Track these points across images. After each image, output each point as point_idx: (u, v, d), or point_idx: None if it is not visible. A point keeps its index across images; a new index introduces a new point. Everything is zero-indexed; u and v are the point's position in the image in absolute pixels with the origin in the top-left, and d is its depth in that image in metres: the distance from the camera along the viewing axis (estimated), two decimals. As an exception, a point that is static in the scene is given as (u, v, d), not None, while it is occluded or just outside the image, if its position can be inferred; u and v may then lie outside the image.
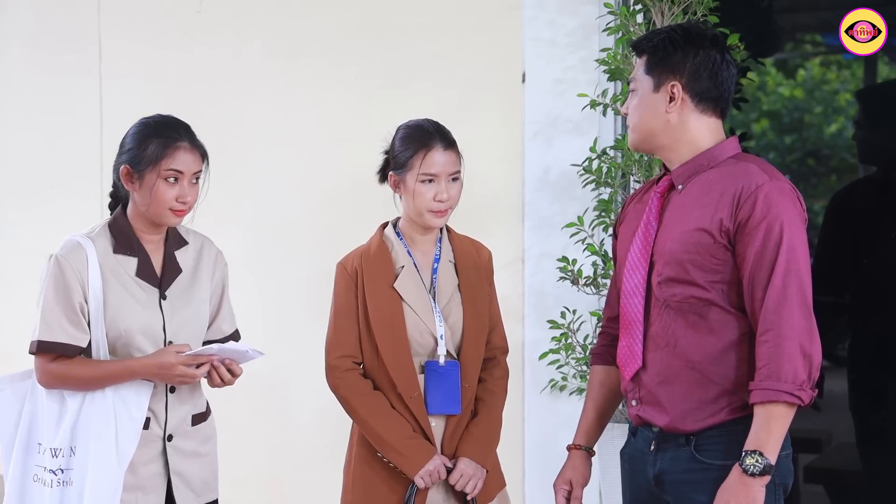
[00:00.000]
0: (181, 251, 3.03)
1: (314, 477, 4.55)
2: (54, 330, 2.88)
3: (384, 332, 2.98)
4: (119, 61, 4.86)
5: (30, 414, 2.95)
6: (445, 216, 3.01)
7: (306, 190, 4.61)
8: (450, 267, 3.06)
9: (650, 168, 3.83)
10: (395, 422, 2.98)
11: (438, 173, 2.98)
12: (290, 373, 4.58)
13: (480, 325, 3.04)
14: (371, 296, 3.00)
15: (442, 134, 3.03)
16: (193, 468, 2.98)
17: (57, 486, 2.86)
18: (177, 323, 2.96)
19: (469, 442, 3.01)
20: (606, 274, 3.86)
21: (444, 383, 2.99)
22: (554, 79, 4.19)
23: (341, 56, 4.55)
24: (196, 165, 2.94)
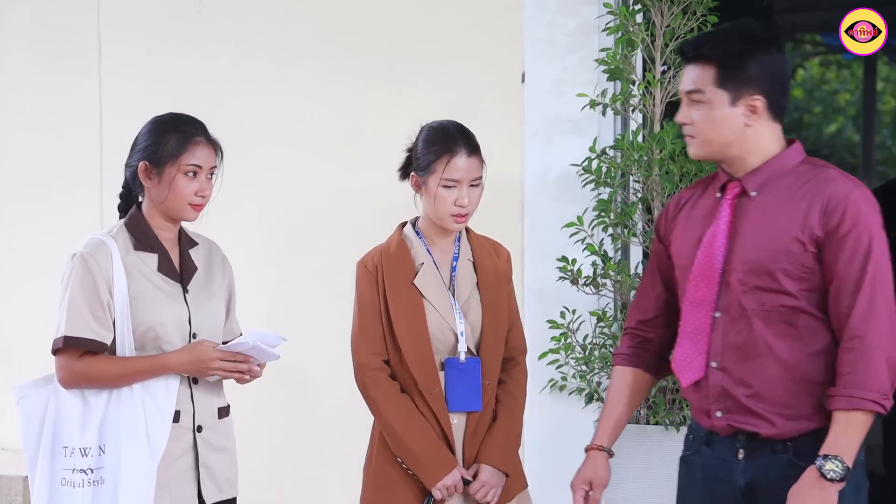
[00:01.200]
0: (194, 251, 3.07)
1: (326, 476, 4.56)
2: (80, 326, 2.88)
3: (405, 329, 2.99)
4: (118, 61, 4.86)
5: (53, 419, 2.93)
6: (465, 221, 3.02)
7: (309, 191, 4.61)
8: (468, 265, 3.07)
9: (649, 168, 3.83)
10: (420, 429, 2.97)
11: (461, 179, 2.99)
12: (302, 373, 4.59)
13: (499, 323, 3.05)
14: (392, 293, 3.01)
15: (466, 139, 3.03)
16: (219, 462, 3.00)
17: (88, 485, 2.85)
18: (201, 316, 2.98)
19: (490, 447, 3.01)
20: (606, 274, 3.86)
21: (464, 380, 3.00)
22: (553, 79, 4.19)
23: (341, 57, 4.56)
24: (212, 160, 2.98)
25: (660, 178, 3.83)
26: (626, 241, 3.95)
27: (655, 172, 3.84)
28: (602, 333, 3.85)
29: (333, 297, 4.45)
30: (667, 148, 3.80)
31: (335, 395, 4.46)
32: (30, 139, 5.04)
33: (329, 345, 4.47)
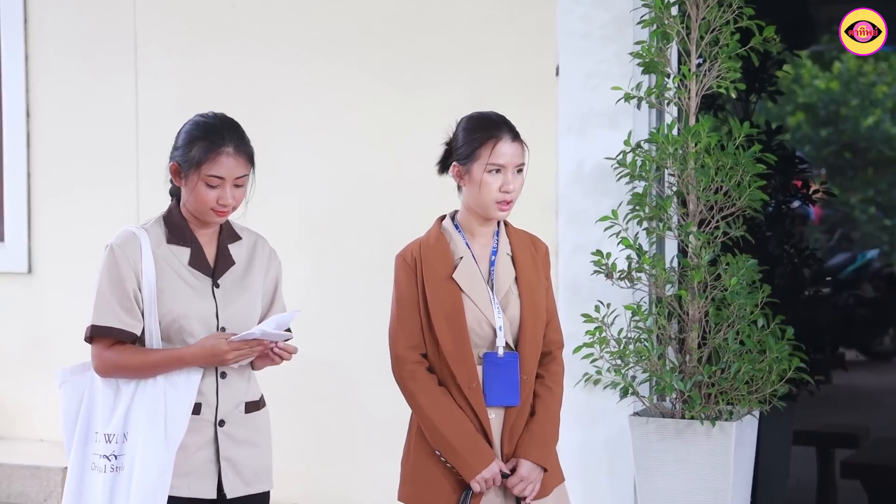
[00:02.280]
0: (235, 245, 3.07)
1: (361, 469, 4.58)
2: (107, 315, 2.93)
3: (444, 323, 2.98)
4: (155, 57, 4.89)
5: (88, 404, 3.00)
6: (509, 208, 3.02)
7: (342, 186, 4.63)
8: (507, 259, 3.06)
9: (684, 161, 3.82)
10: (459, 422, 2.97)
11: (506, 164, 2.99)
12: (337, 367, 4.61)
13: (538, 318, 3.04)
14: (430, 286, 3.01)
15: (509, 125, 3.04)
16: (245, 456, 3.01)
17: (110, 471, 2.90)
18: (230, 311, 2.99)
19: (529, 442, 3.01)
20: (641, 267, 3.85)
21: (502, 374, 3.00)
22: (588, 72, 4.18)
23: (374, 52, 4.57)
24: (239, 170, 2.96)
25: (695, 171, 3.81)
26: (661, 234, 3.93)
27: (690, 166, 3.82)
28: (637, 327, 3.84)
29: (366, 291, 4.46)
30: (702, 141, 3.78)
31: (370, 389, 4.47)
32: (66, 134, 5.08)
33: (364, 339, 4.48)
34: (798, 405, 5.13)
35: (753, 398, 3.77)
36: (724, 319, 3.79)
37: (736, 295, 3.75)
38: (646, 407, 3.93)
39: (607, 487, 4.17)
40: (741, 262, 3.79)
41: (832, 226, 14.10)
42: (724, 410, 3.79)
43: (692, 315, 3.84)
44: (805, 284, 5.71)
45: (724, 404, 3.78)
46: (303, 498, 4.62)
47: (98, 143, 5.00)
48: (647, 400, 3.91)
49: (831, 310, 6.55)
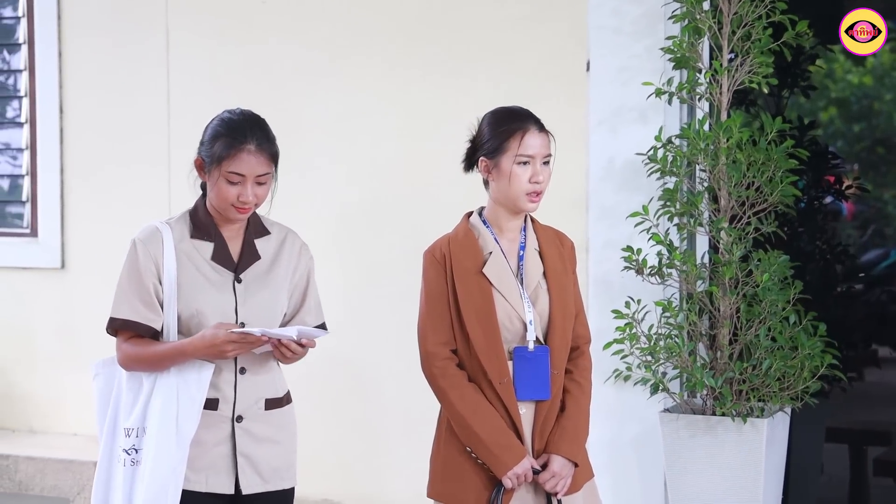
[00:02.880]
0: (262, 240, 3.07)
1: (390, 466, 4.58)
2: (124, 309, 2.97)
3: (474, 318, 2.98)
4: (186, 52, 4.91)
5: (115, 397, 3.03)
6: (539, 199, 3.01)
7: (369, 182, 4.63)
8: (535, 254, 3.06)
9: (716, 157, 3.80)
10: (490, 418, 2.97)
11: (534, 155, 2.99)
12: (366, 363, 4.62)
13: (567, 312, 3.04)
14: (460, 281, 3.00)
15: (535, 117, 3.05)
16: (264, 453, 3.00)
17: (130, 465, 2.93)
18: (249, 306, 2.99)
19: (560, 438, 3.00)
20: (671, 263, 3.83)
21: (533, 369, 2.99)
22: (619, 67, 4.16)
23: (402, 47, 4.56)
24: (261, 168, 2.95)
25: (726, 167, 3.79)
26: (692, 230, 3.91)
27: (722, 161, 3.80)
28: (667, 324, 3.83)
29: (395, 288, 4.46)
30: (733, 136, 3.76)
31: (400, 385, 4.48)
32: (99, 130, 5.11)
33: (393, 335, 4.49)
34: (830, 402, 5.09)
35: (785, 395, 3.75)
36: (756, 316, 3.77)
37: (768, 291, 3.73)
38: (676, 403, 3.92)
39: (637, 484, 4.15)
40: (773, 258, 3.77)
41: (865, 221, 14.00)
42: (756, 407, 3.77)
43: (723, 311, 3.82)
44: (837, 281, 5.67)
45: (756, 401, 3.76)
46: (332, 494, 4.64)
47: (130, 138, 5.02)
48: (678, 396, 3.90)
49: (864, 306, 6.49)
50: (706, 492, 3.75)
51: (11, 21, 5.27)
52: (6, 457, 4.88)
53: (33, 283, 5.22)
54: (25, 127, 5.23)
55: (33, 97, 5.19)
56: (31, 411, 5.21)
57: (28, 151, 5.23)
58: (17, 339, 5.23)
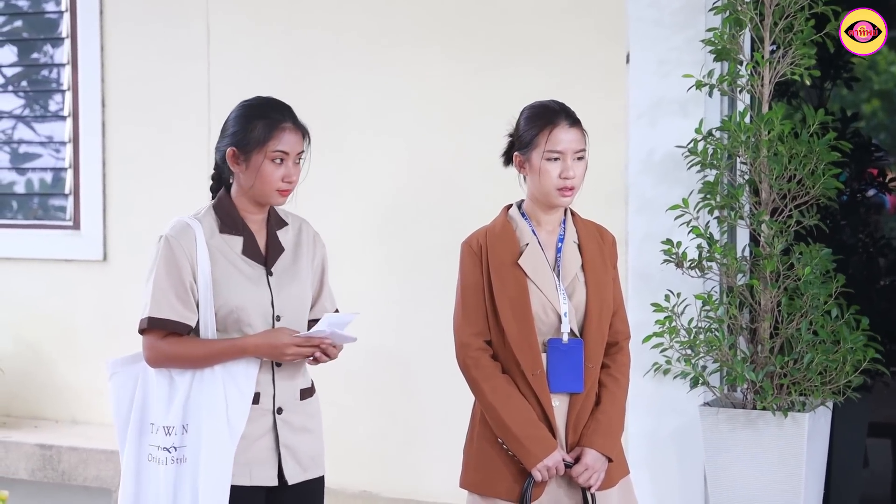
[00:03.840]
0: (282, 231, 3.08)
1: (426, 457, 4.59)
2: (164, 308, 2.95)
3: (509, 309, 2.98)
4: (226, 45, 4.93)
5: (142, 395, 3.02)
6: (572, 195, 3.00)
7: (409, 174, 4.63)
8: (574, 247, 3.06)
9: (757, 149, 3.77)
10: (521, 410, 2.97)
11: (564, 150, 2.98)
12: (402, 354, 4.62)
13: (604, 306, 3.03)
14: (496, 273, 3.01)
15: (567, 112, 3.03)
16: (302, 442, 3.03)
17: (171, 463, 2.92)
18: (283, 299, 3.01)
19: (595, 431, 3.00)
20: (711, 257, 3.82)
21: (567, 361, 2.99)
22: (658, 59, 4.14)
23: (442, 39, 4.56)
24: (299, 146, 2.99)
25: (768, 159, 3.76)
26: (733, 223, 3.89)
27: (763, 154, 3.77)
28: (707, 317, 3.81)
29: (433, 279, 4.47)
30: (775, 129, 3.73)
31: (435, 376, 4.48)
32: (140, 123, 5.14)
33: (429, 326, 4.49)
34: (873, 396, 5.05)
35: (827, 389, 3.72)
36: (797, 309, 3.74)
37: (809, 284, 3.70)
38: (716, 397, 3.90)
39: (676, 478, 4.14)
40: (815, 251, 3.74)
41: (908, 215, 13.85)
42: (797, 401, 3.75)
43: (764, 305, 3.80)
44: (880, 274, 5.61)
45: (797, 395, 3.74)
46: (369, 486, 4.65)
47: (171, 131, 5.05)
48: (718, 390, 3.88)
49: (907, 300, 6.43)
50: (746, 486, 3.73)
51: (55, 15, 5.32)
52: (49, 447, 4.93)
53: (75, 276, 5.27)
54: (68, 120, 5.28)
55: (76, 91, 5.23)
56: (74, 402, 5.26)
57: (70, 145, 5.28)
58: (59, 332, 5.28)
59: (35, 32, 5.39)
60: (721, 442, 3.77)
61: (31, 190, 5.44)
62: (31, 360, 5.31)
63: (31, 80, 5.44)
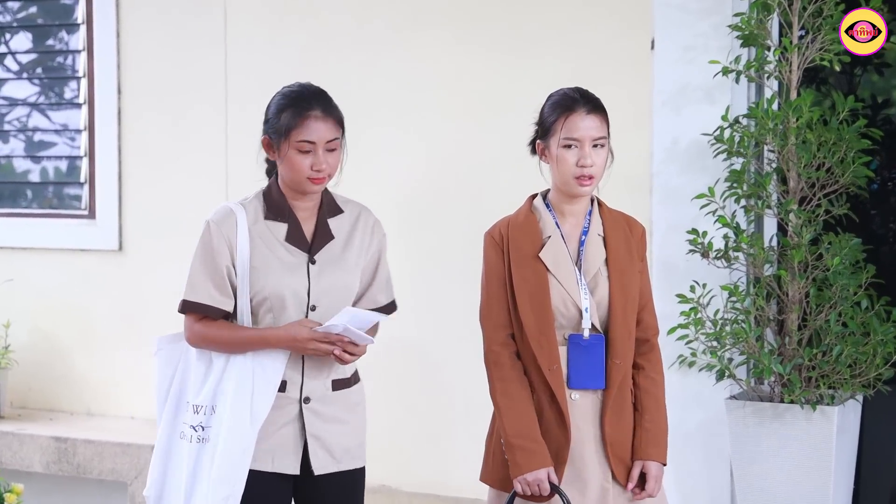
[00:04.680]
0: (336, 219, 3.08)
1: (451, 450, 4.60)
2: (199, 292, 3.00)
3: (528, 302, 2.97)
4: (244, 31, 4.93)
5: (182, 373, 3.08)
6: (591, 184, 2.97)
7: (432, 162, 4.63)
8: (598, 240, 3.03)
9: (785, 137, 3.76)
10: (523, 419, 2.96)
11: (581, 138, 2.96)
12: (427, 346, 4.63)
13: (629, 301, 3.00)
14: (516, 264, 3.00)
15: (586, 98, 3.00)
16: (334, 433, 3.04)
17: (196, 441, 2.98)
18: (321, 288, 3.01)
19: (648, 443, 2.99)
20: (738, 247, 3.80)
21: (587, 357, 2.97)
22: (684, 45, 4.12)
23: (465, 24, 4.56)
24: (329, 133, 2.98)
25: (796, 147, 3.75)
26: (760, 212, 3.88)
27: (791, 142, 3.76)
28: (734, 308, 3.80)
29: (458, 270, 4.47)
30: (804, 116, 3.72)
31: (456, 368, 4.49)
32: (157, 111, 5.16)
33: (450, 318, 4.50)
34: (904, 390, 5.03)
35: (857, 382, 3.71)
36: (826, 301, 3.73)
37: (838, 275, 3.69)
38: (743, 390, 3.89)
39: (702, 473, 4.13)
40: (844, 241, 3.73)
41: (941, 204, 13.77)
42: (826, 394, 3.73)
43: (792, 296, 3.78)
44: (912, 265, 5.59)
45: (826, 388, 3.72)
46: (390, 479, 4.66)
47: (188, 119, 5.07)
48: (745, 383, 3.87)
49: (939, 291, 6.39)
50: (774, 481, 3.72)
51: (70, 1, 5.33)
52: (64, 440, 4.96)
53: (91, 266, 5.29)
54: (84, 108, 5.30)
55: (91, 78, 5.25)
56: (89, 394, 5.29)
57: (86, 132, 5.30)
58: (74, 322, 5.31)
59: (50, 18, 5.41)
60: (748, 436, 3.77)
61: (46, 178, 5.46)
62: (46, 352, 5.35)
63: (46, 67, 5.46)
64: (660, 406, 3.04)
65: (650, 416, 3.00)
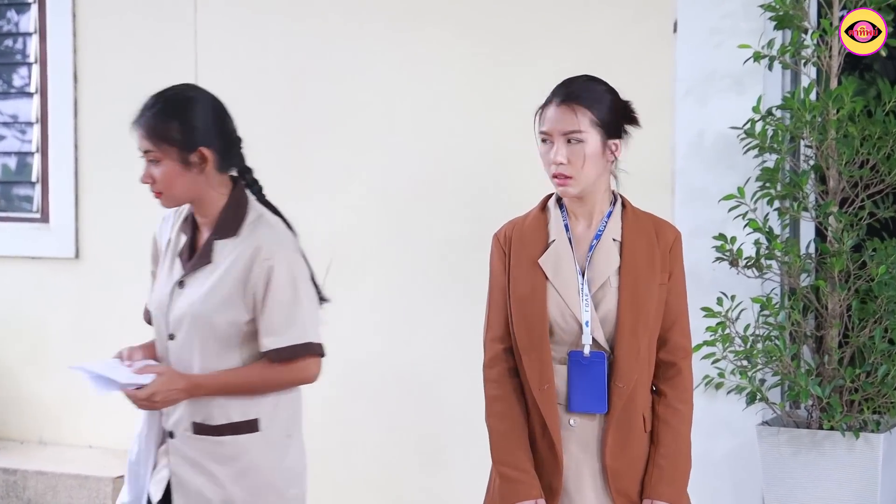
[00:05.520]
0: (225, 241, 3.04)
1: (448, 480, 4.60)
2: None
3: (520, 314, 2.96)
4: (217, 16, 4.93)
5: None
6: (569, 184, 2.95)
7: (433, 160, 4.63)
8: (612, 246, 3.00)
9: (824, 130, 3.76)
10: (511, 445, 2.96)
11: (549, 131, 2.95)
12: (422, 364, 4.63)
13: (640, 315, 2.96)
14: (515, 271, 2.99)
15: (566, 87, 2.97)
16: (194, 481, 3.03)
17: None
18: (175, 316, 3.06)
19: (659, 480, 2.95)
20: (771, 254, 3.81)
21: (587, 377, 2.95)
22: (710, 28, 4.13)
23: (472, 10, 4.55)
24: (143, 144, 3.08)
25: (836, 142, 3.75)
26: (796, 215, 3.88)
27: (831, 136, 3.76)
28: (766, 323, 3.80)
29: (457, 276, 4.47)
30: (845, 107, 3.72)
31: (455, 390, 4.48)
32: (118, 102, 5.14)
33: (450, 332, 4.49)
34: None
35: (904, 406, 3.72)
36: (870, 314, 3.73)
37: (884, 286, 3.70)
38: (777, 415, 3.89)
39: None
40: (891, 247, 3.74)
41: None
42: (870, 420, 3.74)
43: (832, 309, 3.79)
44: (965, 274, 5.59)
45: (870, 413, 3.73)
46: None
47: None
48: (779, 407, 3.88)
49: None
50: (812, 516, 3.73)
51: (19, -21, 5.34)
52: (13, 472, 4.95)
53: (44, 275, 5.29)
54: (35, 97, 5.30)
55: (44, 63, 5.25)
56: (42, 420, 5.28)
57: (38, 125, 5.30)
58: (25, 339, 5.30)
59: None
60: (782, 466, 3.77)
61: (-6, 177, 5.47)
62: (-6, 372, 5.35)
63: (-6, 52, 5.47)
64: (679, 440, 2.99)
65: (665, 451, 2.97)
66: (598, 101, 2.93)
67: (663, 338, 2.98)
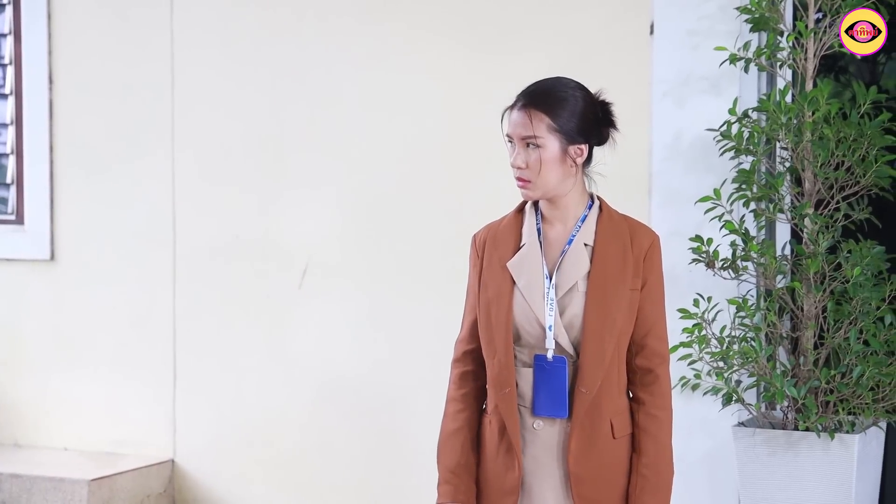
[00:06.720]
0: None
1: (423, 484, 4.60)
2: None
3: (486, 316, 2.99)
4: (194, 15, 4.92)
5: None
6: (527, 187, 2.96)
7: (412, 162, 4.64)
8: (583, 251, 3.01)
9: (799, 133, 3.78)
10: (454, 449, 3.03)
11: (510, 134, 2.98)
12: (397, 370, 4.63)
13: (607, 322, 2.97)
14: (486, 273, 3.01)
15: (529, 91, 2.99)
16: None
17: None
18: None
19: (643, 490, 2.96)
20: (747, 256, 3.83)
21: (550, 382, 2.97)
22: (687, 30, 4.15)
23: (446, 11, 4.56)
24: None
25: (812, 144, 3.77)
26: (772, 217, 3.90)
27: (807, 138, 3.78)
28: (742, 325, 3.82)
29: (434, 278, 4.47)
30: (821, 109, 3.74)
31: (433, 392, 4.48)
32: (94, 103, 5.15)
33: (427, 335, 4.50)
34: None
35: (879, 407, 3.73)
36: (845, 316, 3.75)
37: (859, 287, 3.71)
38: (752, 416, 3.91)
39: (708, 509, 4.16)
40: (866, 249, 3.75)
41: (975, 208, 13.85)
42: (845, 421, 3.75)
43: (807, 311, 3.81)
44: (941, 276, 5.62)
45: (845, 414, 3.74)
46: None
47: (130, 113, 5.06)
48: (755, 408, 3.89)
49: (972, 306, 6.43)
50: (787, 518, 3.75)
51: (-6, -21, 5.33)
52: (-12, 474, 4.95)
53: (19, 277, 5.27)
54: (10, 99, 5.29)
55: (19, 65, 5.24)
56: (17, 422, 5.26)
57: (13, 127, 5.29)
58: (0, 341, 5.29)
59: (-28, -2, 5.41)
60: (758, 467, 3.78)
61: (-32, 179, 5.46)
62: (-32, 375, 5.33)
63: (-32, 53, 5.46)
64: (660, 448, 3.00)
65: (647, 461, 2.97)
66: (559, 106, 2.93)
67: (640, 344, 2.98)
